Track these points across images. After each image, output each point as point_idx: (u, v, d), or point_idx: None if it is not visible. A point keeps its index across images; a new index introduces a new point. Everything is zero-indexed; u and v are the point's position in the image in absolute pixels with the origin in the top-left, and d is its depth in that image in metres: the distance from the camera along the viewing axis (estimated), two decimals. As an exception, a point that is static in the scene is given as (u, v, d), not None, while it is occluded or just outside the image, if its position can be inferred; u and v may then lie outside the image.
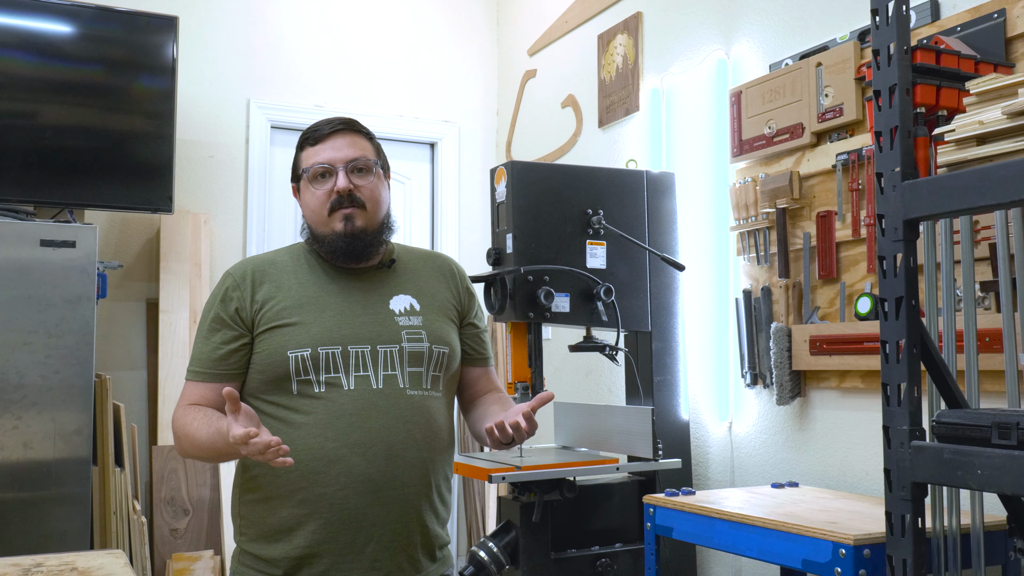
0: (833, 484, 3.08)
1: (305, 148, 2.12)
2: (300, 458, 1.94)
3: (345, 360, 2.01)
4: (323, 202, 2.07)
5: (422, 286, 2.18)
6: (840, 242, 3.05)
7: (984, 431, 1.73)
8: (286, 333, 2.02)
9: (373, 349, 2.03)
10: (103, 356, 4.28)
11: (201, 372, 2.06)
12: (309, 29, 5.03)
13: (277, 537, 1.99)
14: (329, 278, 2.11)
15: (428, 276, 2.21)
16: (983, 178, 1.70)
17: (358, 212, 2.06)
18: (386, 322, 2.07)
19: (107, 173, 4.11)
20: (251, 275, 2.10)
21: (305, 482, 1.96)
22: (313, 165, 2.08)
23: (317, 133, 2.10)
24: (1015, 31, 2.54)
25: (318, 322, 2.03)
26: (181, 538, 4.20)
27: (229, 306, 2.07)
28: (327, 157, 2.07)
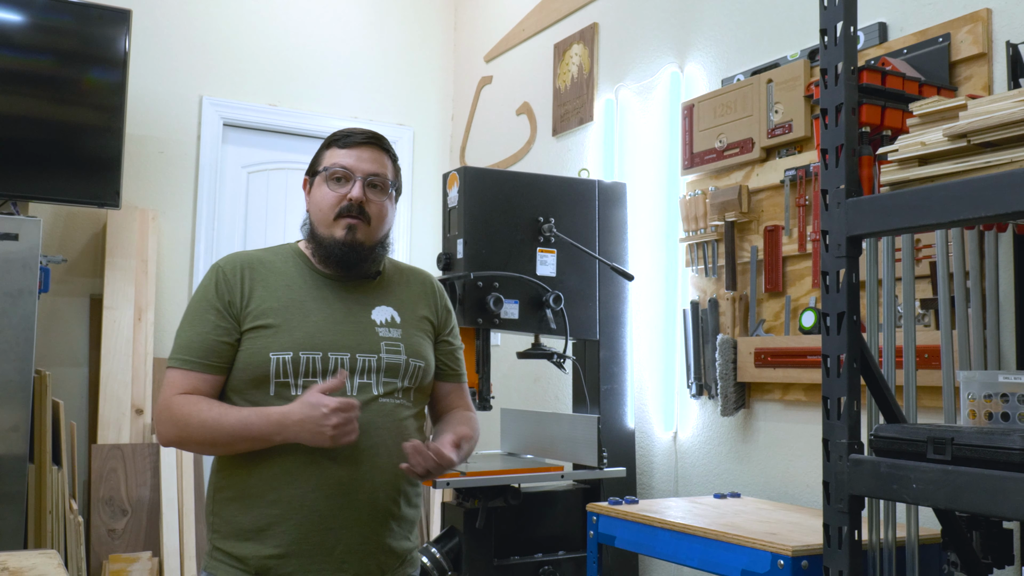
0: (774, 495, 3.11)
1: (332, 147, 2.15)
2: (273, 459, 1.98)
3: (324, 365, 2.03)
4: (332, 204, 2.09)
5: (403, 300, 2.21)
6: (787, 256, 3.10)
7: (920, 446, 1.76)
8: (269, 335, 2.03)
9: (352, 357, 2.05)
10: (44, 352, 4.21)
11: (191, 361, 2.03)
12: (265, 27, 5.00)
13: (249, 536, 1.99)
14: (315, 283, 2.13)
15: (410, 291, 2.24)
16: (924, 198, 1.74)
17: (362, 225, 2.09)
18: (367, 332, 2.10)
19: (54, 165, 4.05)
20: (240, 270, 2.10)
21: (278, 483, 1.98)
22: (334, 166, 2.11)
23: (348, 139, 2.14)
24: (959, 55, 2.59)
25: (301, 327, 2.05)
26: (119, 539, 4.14)
27: (223, 297, 2.06)
28: (350, 163, 2.10)
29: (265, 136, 5.01)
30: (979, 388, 1.98)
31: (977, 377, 2.00)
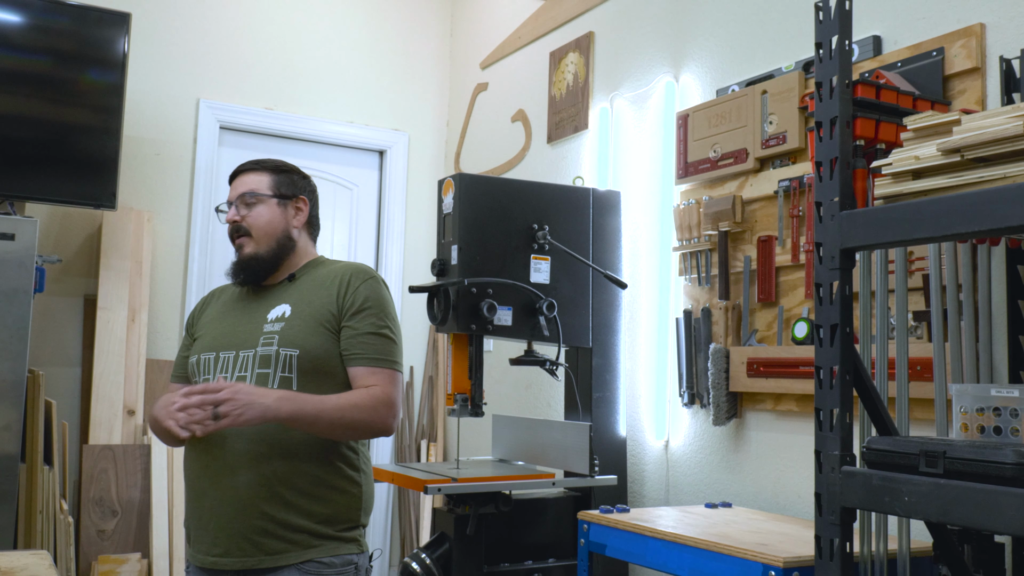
0: (766, 506, 3.12)
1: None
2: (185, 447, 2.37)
3: (215, 364, 2.34)
4: (229, 235, 2.45)
5: (304, 295, 2.39)
6: (780, 267, 3.11)
7: (912, 459, 1.77)
8: (195, 345, 2.45)
9: (236, 354, 2.32)
10: (37, 351, 4.20)
11: (173, 375, 2.54)
12: (262, 32, 5.00)
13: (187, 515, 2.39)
14: (242, 296, 2.47)
15: (319, 286, 2.41)
16: (917, 212, 1.75)
17: (246, 240, 2.41)
18: (254, 329, 2.34)
19: (51, 166, 4.05)
20: (207, 298, 2.57)
21: (185, 465, 2.37)
22: (220, 206, 2.49)
23: (230, 178, 2.50)
24: (952, 69, 2.61)
25: (209, 333, 2.42)
26: (108, 540, 4.13)
27: (189, 322, 2.56)
28: (229, 196, 2.46)
29: (261, 140, 5.01)
30: (971, 401, 1.99)
31: (969, 390, 2.01)
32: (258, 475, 2.23)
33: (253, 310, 2.40)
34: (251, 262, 2.40)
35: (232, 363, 2.31)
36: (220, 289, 2.58)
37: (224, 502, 2.23)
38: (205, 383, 2.22)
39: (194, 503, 2.31)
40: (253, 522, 2.22)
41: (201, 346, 2.40)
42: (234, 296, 2.49)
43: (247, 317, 2.38)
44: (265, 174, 2.46)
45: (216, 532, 2.24)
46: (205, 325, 2.46)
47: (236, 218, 2.41)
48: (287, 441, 2.25)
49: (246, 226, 2.40)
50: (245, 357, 2.30)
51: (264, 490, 2.22)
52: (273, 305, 2.38)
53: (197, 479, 2.30)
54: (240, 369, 2.29)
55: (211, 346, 2.37)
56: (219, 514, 2.24)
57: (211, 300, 2.55)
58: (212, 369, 2.33)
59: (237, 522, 2.22)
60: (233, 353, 2.32)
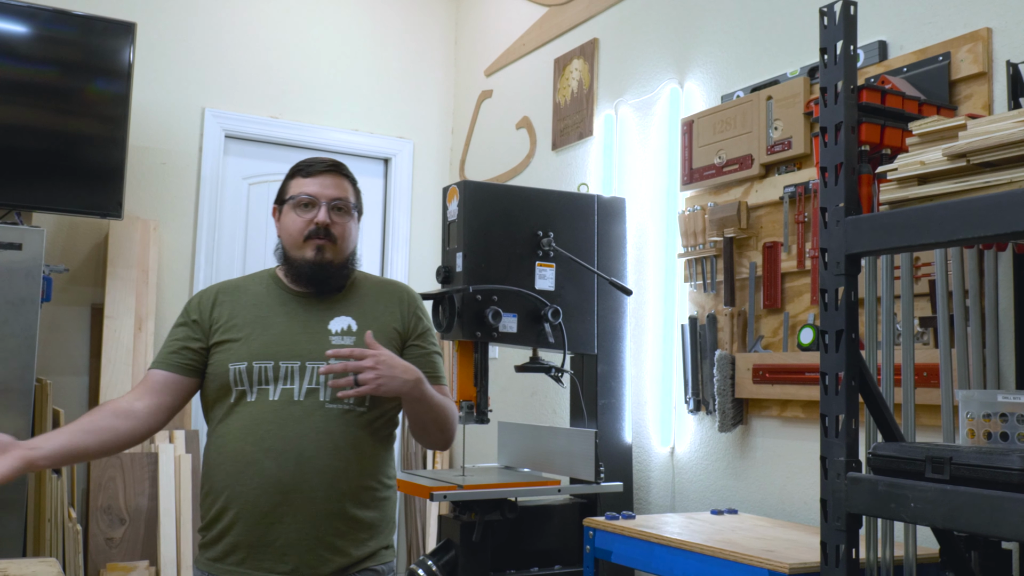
0: (772, 512, 3.11)
1: (296, 177, 2.34)
2: (227, 459, 2.18)
3: (276, 373, 2.20)
4: (301, 229, 2.28)
5: (365, 310, 2.33)
6: (785, 273, 3.10)
7: (918, 465, 1.77)
8: (231, 348, 2.24)
9: (302, 365, 2.21)
10: (45, 360, 4.21)
11: (156, 361, 2.30)
12: (267, 41, 5.02)
13: (210, 527, 2.20)
14: (281, 300, 2.32)
15: (375, 301, 2.36)
16: (923, 217, 1.75)
17: (329, 245, 2.27)
18: (320, 340, 2.24)
19: (57, 176, 4.07)
20: (214, 295, 2.34)
21: (230, 480, 2.17)
22: (300, 194, 2.30)
23: (311, 168, 2.33)
24: (959, 74, 2.61)
25: (259, 339, 2.24)
26: (116, 547, 4.13)
27: (190, 316, 2.32)
28: (314, 191, 2.29)
29: (266, 148, 5.02)
30: (978, 407, 1.99)
31: (976, 396, 2.00)
32: (334, 488, 2.17)
33: (307, 319, 2.28)
34: (329, 268, 2.29)
35: (299, 374, 2.20)
36: (230, 287, 2.39)
37: (299, 517, 2.14)
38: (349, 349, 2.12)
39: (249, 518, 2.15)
40: (325, 537, 2.16)
41: (249, 352, 2.22)
42: (266, 300, 2.33)
43: (303, 326, 2.27)
44: (350, 184, 2.36)
45: (285, 548, 2.14)
46: (240, 327, 2.27)
47: (328, 221, 2.27)
48: (359, 454, 2.21)
49: (335, 233, 2.29)
50: (315, 368, 2.19)
51: (336, 503, 2.17)
52: (330, 316, 2.29)
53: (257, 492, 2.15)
54: (310, 381, 2.20)
55: (265, 354, 2.21)
56: (292, 528, 2.14)
57: (222, 298, 2.34)
58: (272, 380, 2.20)
59: (311, 536, 2.15)
60: (298, 364, 2.20)
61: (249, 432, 2.17)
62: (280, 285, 2.35)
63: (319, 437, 2.17)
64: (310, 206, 2.28)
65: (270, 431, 2.16)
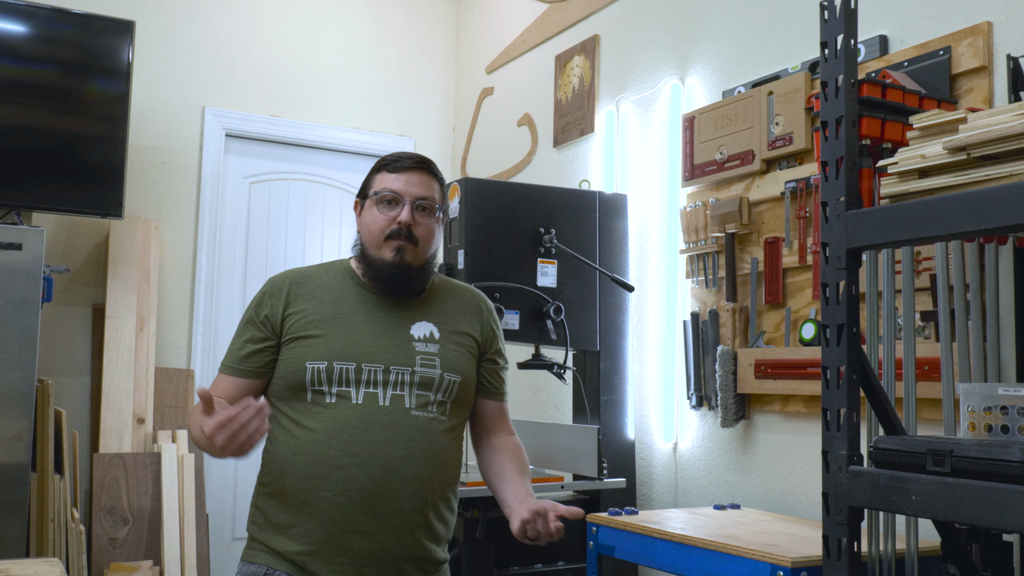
0: (774, 507, 3.11)
1: (381, 171, 2.22)
2: (306, 461, 2.07)
3: (358, 375, 2.10)
4: (383, 227, 2.16)
5: (446, 316, 2.25)
6: (787, 268, 3.10)
7: (919, 458, 1.76)
8: (308, 345, 2.13)
9: (386, 368, 2.11)
10: (46, 361, 4.21)
11: (228, 366, 2.19)
12: (267, 39, 5.02)
13: (282, 531, 2.09)
14: (360, 298, 2.21)
15: (455, 308, 2.28)
16: (924, 211, 1.75)
17: (410, 247, 2.15)
18: (403, 345, 2.15)
19: (57, 176, 4.06)
20: (288, 285, 2.22)
21: (307, 484, 2.06)
22: (384, 190, 2.17)
23: (398, 163, 2.21)
24: (959, 68, 2.60)
25: (339, 338, 2.13)
26: (120, 548, 4.14)
27: (261, 311, 2.19)
28: (399, 188, 2.17)
29: (267, 147, 5.02)
30: (979, 400, 1.99)
31: (977, 389, 2.00)
32: (420, 500, 2.10)
33: (388, 322, 2.18)
34: (409, 272, 2.17)
35: (383, 378, 2.10)
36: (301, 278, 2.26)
37: (383, 527, 2.06)
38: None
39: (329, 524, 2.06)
40: (408, 549, 2.10)
41: (329, 352, 2.12)
42: (344, 296, 2.22)
43: (382, 328, 2.17)
44: (437, 185, 2.23)
45: (365, 559, 2.06)
46: (317, 324, 2.16)
47: (411, 222, 2.15)
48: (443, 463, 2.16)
49: (417, 235, 2.16)
50: (400, 374, 2.11)
51: (420, 515, 2.11)
52: (411, 320, 2.20)
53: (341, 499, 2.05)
54: (395, 387, 2.11)
55: (347, 355, 2.11)
56: (374, 539, 2.06)
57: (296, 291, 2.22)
58: (354, 382, 2.10)
59: (392, 549, 2.08)
60: (382, 367, 2.11)
61: (333, 436, 2.07)
62: (357, 281, 2.23)
63: (407, 445, 2.09)
64: (393, 204, 2.17)
65: (355, 436, 2.06)
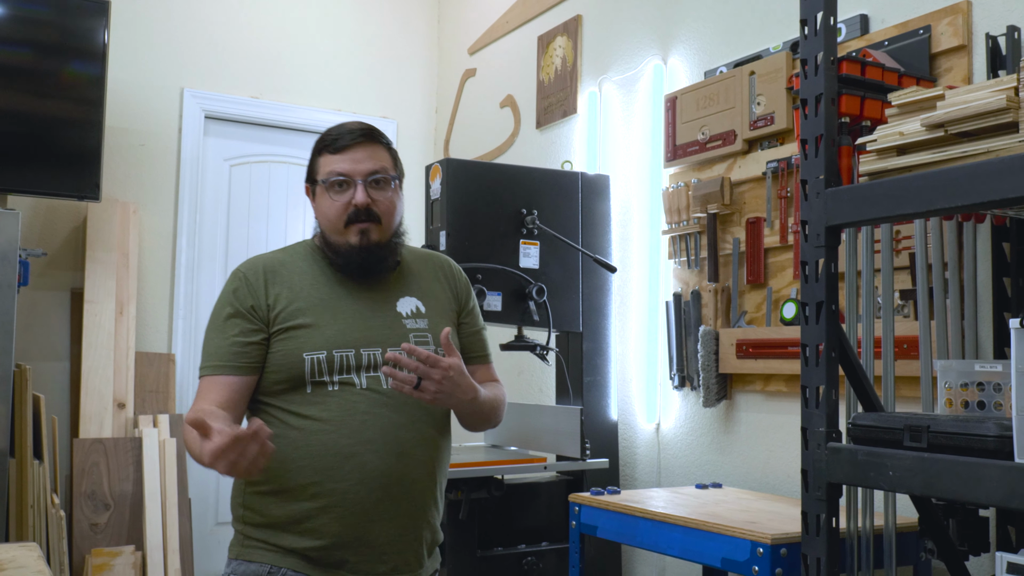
0: (756, 485, 3.13)
1: (324, 154, 2.09)
2: (315, 453, 1.96)
3: (358, 362, 2.01)
4: (340, 213, 2.05)
5: (425, 288, 2.18)
6: (768, 248, 3.11)
7: (896, 433, 1.78)
8: (302, 335, 2.02)
9: (384, 351, 2.02)
10: (24, 346, 4.18)
11: (219, 365, 2.02)
12: (247, 20, 4.98)
13: (287, 528, 1.98)
14: (338, 280, 2.10)
15: (429, 277, 2.21)
16: (902, 187, 1.75)
17: (374, 227, 2.05)
18: (394, 325, 2.07)
19: (33, 158, 4.02)
20: (263, 273, 2.09)
21: (320, 476, 1.96)
22: (332, 174, 2.05)
23: (338, 142, 2.08)
24: (939, 47, 2.61)
25: (332, 325, 2.03)
26: (101, 533, 4.12)
27: (245, 302, 2.05)
28: (346, 168, 2.05)
29: (247, 129, 4.99)
30: (956, 377, 2.00)
31: (954, 366, 2.01)
32: (431, 480, 2.07)
33: (373, 301, 2.09)
34: (379, 251, 2.07)
35: (382, 361, 2.01)
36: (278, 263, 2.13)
37: (400, 512, 2.01)
38: (428, 352, 1.91)
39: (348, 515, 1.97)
40: (422, 532, 2.05)
41: (325, 340, 2.01)
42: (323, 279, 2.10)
43: (369, 309, 2.08)
44: (385, 151, 2.13)
45: (385, 547, 1.99)
46: (306, 311, 2.05)
47: (368, 201, 2.04)
48: (446, 443, 2.13)
49: (378, 212, 2.05)
50: None
51: (431, 497, 2.07)
52: (394, 296, 2.12)
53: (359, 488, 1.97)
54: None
55: (345, 341, 2.02)
56: (393, 526, 2.00)
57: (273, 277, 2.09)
58: (355, 369, 2.01)
59: (410, 533, 2.03)
60: (379, 351, 2.02)
61: (342, 424, 1.97)
62: (330, 262, 2.11)
63: (416, 426, 2.03)
64: (345, 186, 2.05)
65: (366, 422, 1.98)
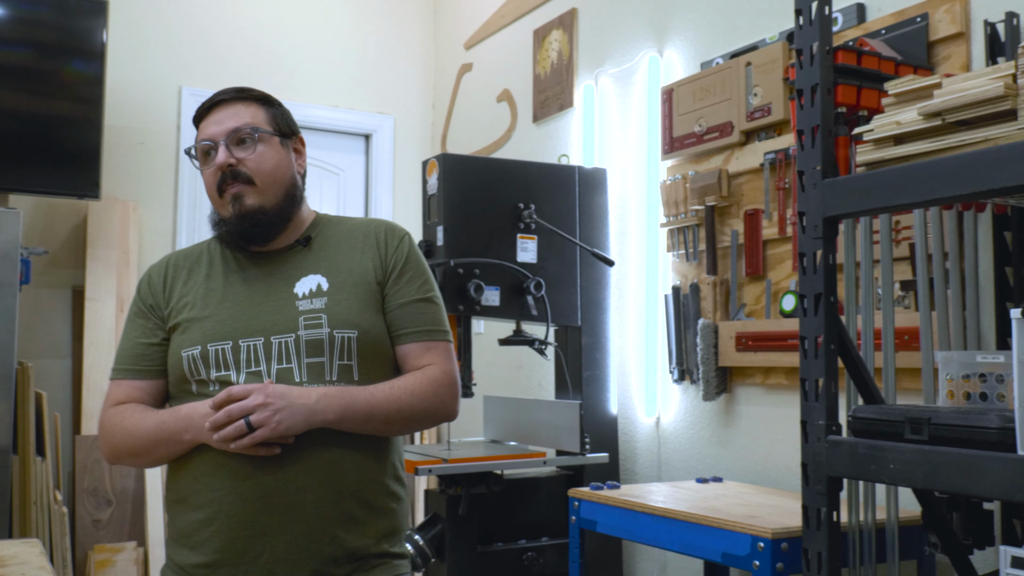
0: (756, 479, 3.12)
1: (198, 127, 1.94)
2: (193, 461, 1.82)
3: (236, 355, 1.82)
4: (211, 182, 1.89)
5: (337, 262, 1.93)
6: (767, 240, 3.09)
7: (897, 426, 1.76)
8: (183, 331, 1.88)
9: (267, 341, 1.83)
10: (26, 344, 4.18)
11: (122, 369, 1.92)
12: (244, 17, 4.96)
13: (184, 541, 1.84)
14: (239, 265, 1.94)
15: (349, 248, 1.96)
16: (899, 177, 1.74)
17: (246, 189, 1.87)
18: (285, 309, 1.86)
19: (33, 158, 4.03)
20: (166, 270, 1.98)
21: (199, 486, 1.81)
22: (198, 142, 1.91)
23: (202, 110, 1.93)
24: (937, 35, 2.59)
25: (213, 317, 1.87)
26: (104, 529, 4.13)
27: (146, 300, 1.95)
28: (209, 132, 1.89)
29: (246, 125, 4.97)
30: (957, 368, 1.98)
31: (955, 357, 2.00)
32: (329, 488, 1.79)
33: (267, 283, 1.89)
34: (258, 216, 1.87)
35: (264, 353, 1.81)
36: (181, 257, 2.01)
37: (288, 528, 1.77)
38: (227, 389, 1.74)
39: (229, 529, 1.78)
40: (323, 549, 1.78)
41: (203, 334, 1.84)
42: (222, 266, 1.95)
43: (263, 293, 1.88)
44: (257, 106, 1.93)
45: (271, 564, 1.77)
46: (193, 305, 1.89)
47: (232, 161, 1.86)
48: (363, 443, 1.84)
49: (247, 171, 1.86)
50: (283, 344, 1.82)
51: (336, 508, 1.80)
52: (296, 276, 1.89)
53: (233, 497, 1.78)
54: (279, 360, 1.81)
55: (222, 333, 1.83)
56: (280, 542, 1.77)
57: (175, 272, 1.96)
58: (233, 364, 1.81)
59: (304, 550, 1.77)
60: (261, 340, 1.82)
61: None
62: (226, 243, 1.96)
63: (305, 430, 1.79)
64: (211, 152, 1.89)
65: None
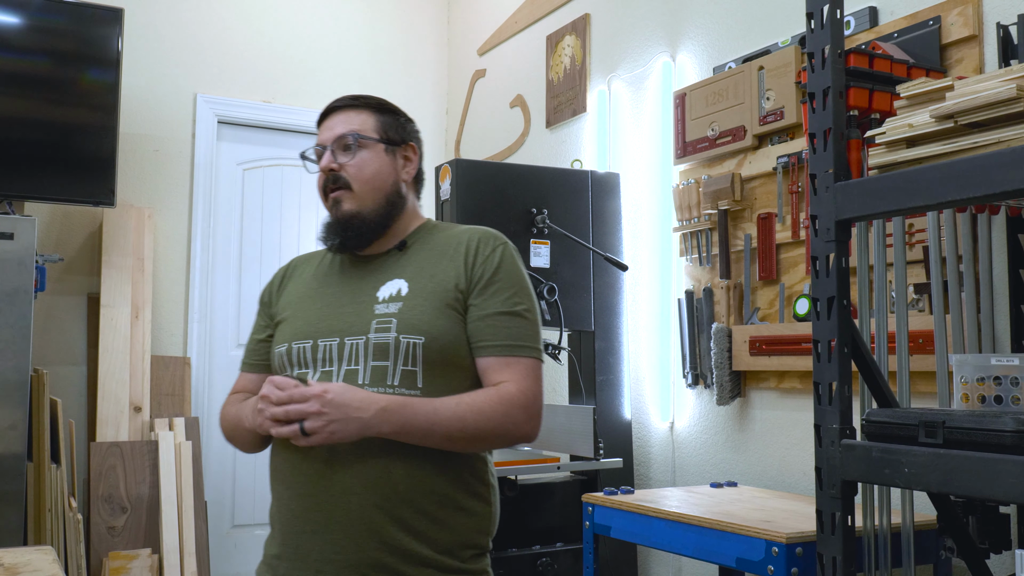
0: (771, 484, 3.11)
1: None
2: (274, 454, 1.90)
3: (314, 354, 1.86)
4: (319, 186, 1.97)
5: (425, 267, 1.91)
6: (780, 244, 3.08)
7: (911, 430, 1.75)
8: (280, 329, 1.97)
9: (341, 342, 1.84)
10: (41, 350, 4.21)
11: (243, 363, 2.06)
12: (258, 24, 4.99)
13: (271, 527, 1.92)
14: (340, 268, 1.99)
15: (439, 255, 1.93)
16: (912, 180, 1.73)
17: (344, 194, 1.91)
18: (362, 312, 1.87)
19: (49, 165, 4.05)
20: (287, 270, 2.09)
21: (273, 479, 1.89)
22: (311, 148, 1.99)
23: (321, 116, 2.01)
24: (949, 38, 2.58)
25: (302, 316, 1.93)
26: (118, 536, 4.14)
27: (263, 298, 2.08)
28: (321, 137, 1.97)
29: (260, 133, 5.00)
30: (972, 371, 1.97)
31: (970, 360, 1.99)
32: (375, 494, 1.76)
33: (356, 287, 1.92)
34: (353, 221, 1.90)
35: (337, 353, 1.83)
36: (303, 258, 2.09)
37: (332, 526, 1.76)
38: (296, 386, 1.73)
39: (287, 523, 1.82)
40: (370, 553, 1.75)
41: (291, 332, 1.90)
42: (325, 268, 2.00)
43: (350, 295, 1.91)
44: (369, 113, 1.97)
45: (320, 563, 1.76)
46: (291, 304, 1.97)
47: (334, 165, 1.91)
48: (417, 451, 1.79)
49: (346, 176, 1.91)
50: (354, 346, 1.82)
51: (383, 512, 1.76)
52: (383, 280, 1.90)
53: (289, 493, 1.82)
54: (349, 362, 1.82)
55: (306, 332, 1.88)
56: (326, 541, 1.77)
57: (292, 272, 2.06)
58: (311, 362, 1.85)
59: (350, 552, 1.75)
60: (336, 341, 1.84)
61: None
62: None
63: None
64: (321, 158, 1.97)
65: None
